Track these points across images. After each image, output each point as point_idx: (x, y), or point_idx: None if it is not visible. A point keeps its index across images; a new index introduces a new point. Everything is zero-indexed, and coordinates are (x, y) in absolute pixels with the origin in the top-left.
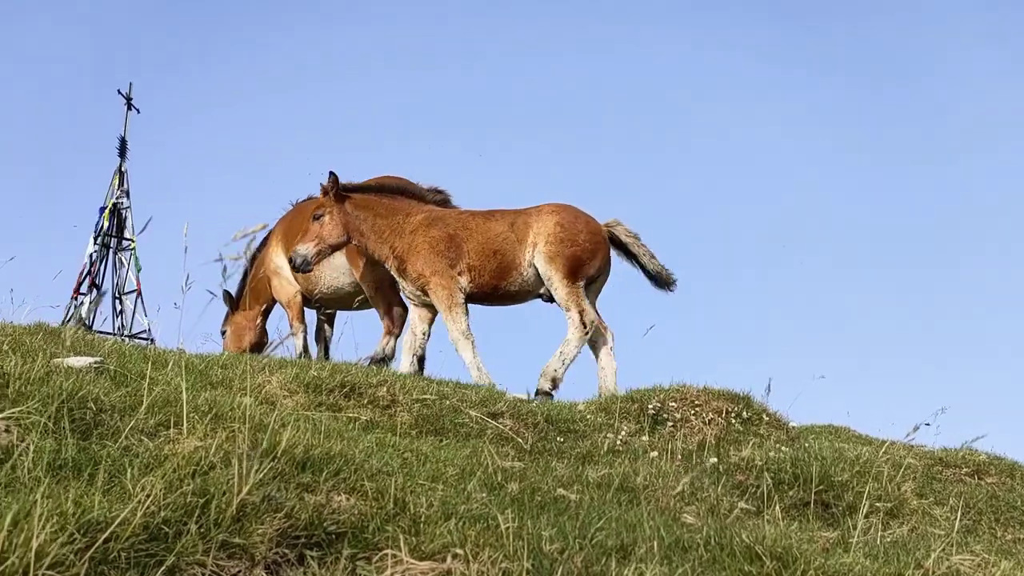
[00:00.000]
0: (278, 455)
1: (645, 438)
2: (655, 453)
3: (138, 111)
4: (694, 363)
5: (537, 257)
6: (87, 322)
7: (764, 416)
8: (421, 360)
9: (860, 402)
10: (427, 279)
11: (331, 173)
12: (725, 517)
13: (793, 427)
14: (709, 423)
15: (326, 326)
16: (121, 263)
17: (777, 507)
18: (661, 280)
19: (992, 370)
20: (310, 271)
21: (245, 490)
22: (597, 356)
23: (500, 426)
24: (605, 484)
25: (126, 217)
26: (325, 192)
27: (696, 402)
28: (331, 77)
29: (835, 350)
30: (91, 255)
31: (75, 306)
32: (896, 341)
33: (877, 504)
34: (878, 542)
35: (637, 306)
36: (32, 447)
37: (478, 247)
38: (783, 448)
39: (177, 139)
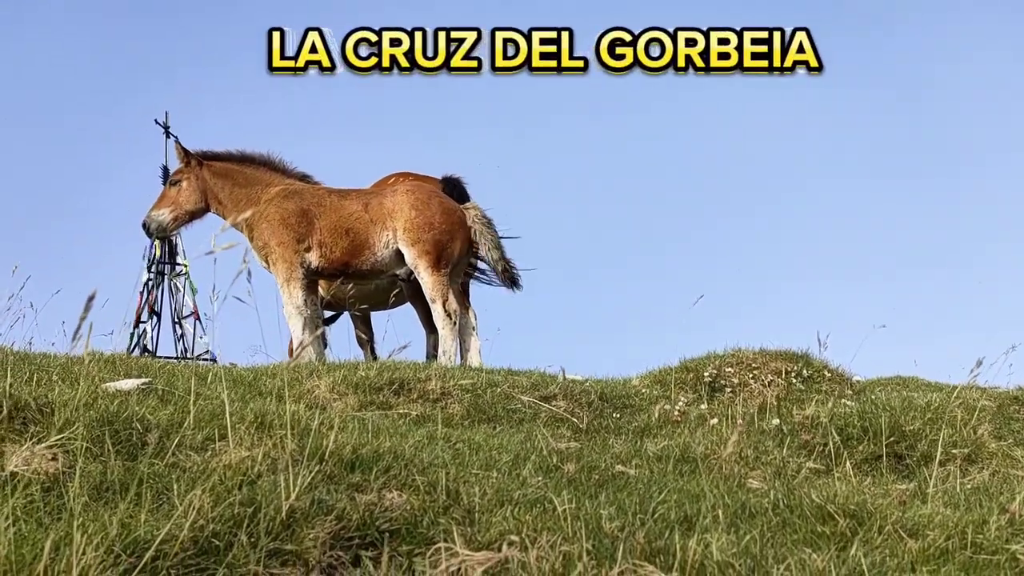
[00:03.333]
0: (325, 457)
1: (704, 406)
2: (715, 420)
3: (176, 139)
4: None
5: (401, 244)
6: (150, 348)
7: (826, 372)
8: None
9: (927, 350)
10: (271, 249)
11: (176, 141)
12: (793, 479)
13: (858, 381)
14: (769, 385)
15: (362, 327)
16: (177, 288)
17: (847, 463)
18: (506, 274)
19: None
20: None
21: (293, 495)
22: (463, 341)
23: (553, 408)
24: (665, 456)
25: (177, 243)
26: (184, 159)
27: (753, 365)
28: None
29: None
30: (147, 283)
31: (137, 335)
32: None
33: (953, 451)
34: (957, 490)
35: (684, 278)
36: (78, 472)
37: (330, 224)
38: (848, 403)
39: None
